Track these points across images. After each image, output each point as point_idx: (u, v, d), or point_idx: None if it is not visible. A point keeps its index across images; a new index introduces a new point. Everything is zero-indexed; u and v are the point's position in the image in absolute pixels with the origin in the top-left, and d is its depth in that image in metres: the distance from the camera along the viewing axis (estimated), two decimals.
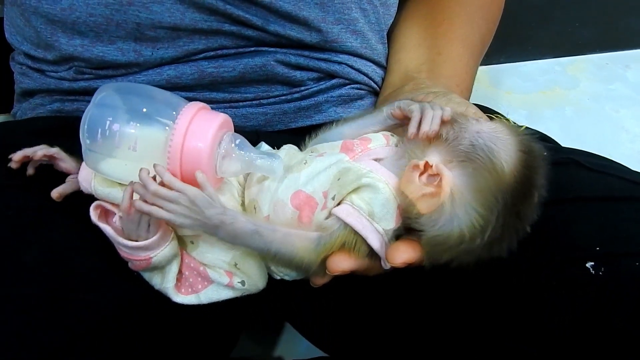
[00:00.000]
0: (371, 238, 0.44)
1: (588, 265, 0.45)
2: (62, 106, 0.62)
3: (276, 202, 0.47)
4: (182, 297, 0.48)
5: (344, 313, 0.59)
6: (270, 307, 0.64)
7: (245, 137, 0.49)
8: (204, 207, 0.43)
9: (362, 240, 0.45)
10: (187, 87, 0.60)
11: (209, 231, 0.44)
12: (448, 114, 0.45)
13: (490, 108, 0.68)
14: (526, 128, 0.66)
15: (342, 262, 0.45)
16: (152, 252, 0.46)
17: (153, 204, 0.43)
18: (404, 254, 0.45)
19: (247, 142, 0.48)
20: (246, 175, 0.51)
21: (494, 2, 0.72)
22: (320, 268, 0.46)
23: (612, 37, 1.28)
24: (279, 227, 0.45)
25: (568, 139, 0.65)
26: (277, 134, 0.62)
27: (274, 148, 0.54)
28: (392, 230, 0.45)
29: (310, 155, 0.50)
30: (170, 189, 0.43)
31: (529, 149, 0.45)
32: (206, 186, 0.43)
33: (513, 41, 1.22)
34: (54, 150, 0.51)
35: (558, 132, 1.08)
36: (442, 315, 0.53)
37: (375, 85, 0.66)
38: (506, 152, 0.43)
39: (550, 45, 1.25)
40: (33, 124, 0.64)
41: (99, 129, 0.44)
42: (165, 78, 0.59)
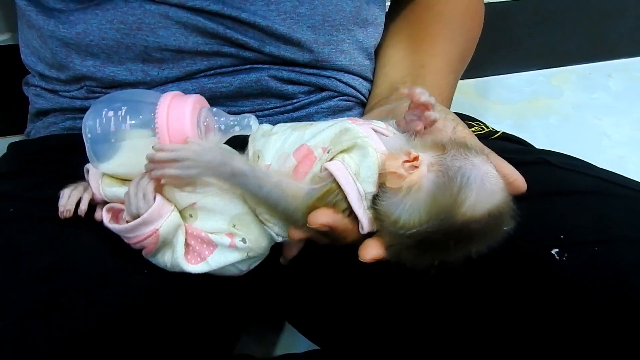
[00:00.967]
0: (352, 196, 0.47)
1: (553, 251, 0.50)
2: (74, 124, 0.66)
3: (281, 155, 0.51)
4: (193, 266, 0.51)
5: (337, 306, 0.63)
6: (269, 302, 0.68)
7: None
8: (203, 153, 0.48)
9: (343, 197, 0.48)
10: None
11: (213, 173, 0.49)
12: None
13: (470, 115, 0.71)
14: (503, 133, 0.71)
15: (322, 216, 0.47)
16: (156, 223, 0.49)
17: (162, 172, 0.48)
18: (373, 250, 0.48)
19: (222, 110, 0.52)
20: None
21: (473, 22, 0.77)
22: (302, 220, 0.49)
23: (594, 48, 1.31)
24: (274, 174, 0.49)
25: (552, 145, 0.68)
26: None
27: None
28: (371, 194, 0.48)
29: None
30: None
31: (498, 215, 0.45)
32: (196, 141, 0.49)
33: (499, 55, 1.26)
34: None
35: (543, 139, 1.12)
36: (427, 307, 0.57)
37: (362, 97, 0.70)
38: (477, 200, 0.44)
39: (534, 58, 1.29)
40: (46, 142, 0.67)
41: (97, 119, 0.49)
42: None
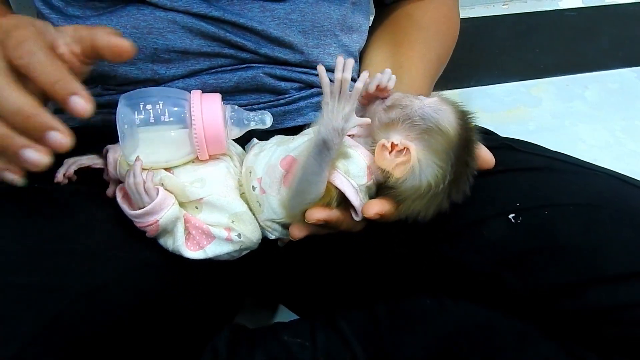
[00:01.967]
0: (348, 191, 0.55)
1: (510, 216, 0.58)
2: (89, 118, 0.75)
3: (269, 166, 0.58)
4: (192, 253, 0.58)
5: (319, 282, 0.72)
6: (262, 283, 0.77)
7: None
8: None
9: (339, 193, 0.55)
10: None
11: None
12: (388, 72, 0.57)
13: None
14: (475, 125, 0.79)
15: (317, 213, 0.55)
16: (157, 215, 0.55)
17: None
18: (376, 207, 0.56)
19: (239, 107, 0.60)
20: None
21: (449, 30, 0.85)
22: (301, 219, 0.56)
23: (571, 61, 1.37)
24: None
25: None
26: (267, 133, 0.72)
27: None
28: (364, 186, 0.56)
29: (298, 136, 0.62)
30: None
31: (462, 114, 0.57)
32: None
33: (481, 67, 1.33)
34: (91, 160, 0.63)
35: None
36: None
37: None
38: (448, 118, 0.55)
39: (515, 70, 1.35)
40: None
41: (135, 110, 0.55)
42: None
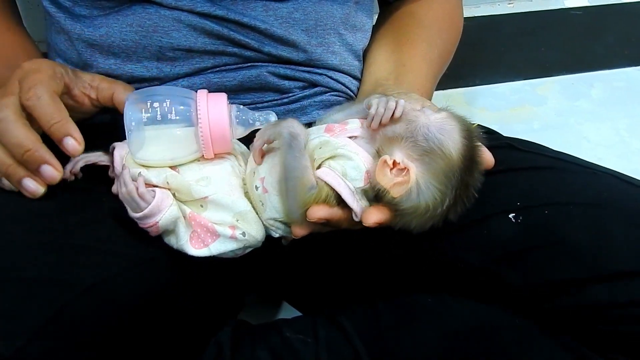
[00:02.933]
0: (345, 193, 0.56)
1: (510, 215, 0.59)
2: (94, 116, 0.72)
3: (272, 166, 0.59)
4: (196, 250, 0.58)
5: (322, 279, 0.73)
6: (266, 280, 0.78)
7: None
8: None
9: (334, 195, 0.56)
10: None
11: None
12: (400, 107, 0.56)
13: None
14: (478, 126, 0.79)
15: (319, 211, 0.55)
16: (156, 217, 0.56)
17: None
18: (375, 216, 0.56)
19: (245, 107, 0.60)
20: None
21: (452, 28, 0.85)
22: (302, 217, 0.57)
23: (577, 60, 1.37)
24: (306, 159, 0.57)
25: None
26: None
27: None
28: (361, 189, 0.57)
29: None
30: None
31: (468, 133, 0.56)
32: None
33: (486, 66, 1.32)
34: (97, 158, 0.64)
35: None
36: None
37: (351, 93, 0.78)
38: (452, 140, 0.54)
39: (520, 69, 1.34)
40: None
41: (143, 109, 0.56)
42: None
